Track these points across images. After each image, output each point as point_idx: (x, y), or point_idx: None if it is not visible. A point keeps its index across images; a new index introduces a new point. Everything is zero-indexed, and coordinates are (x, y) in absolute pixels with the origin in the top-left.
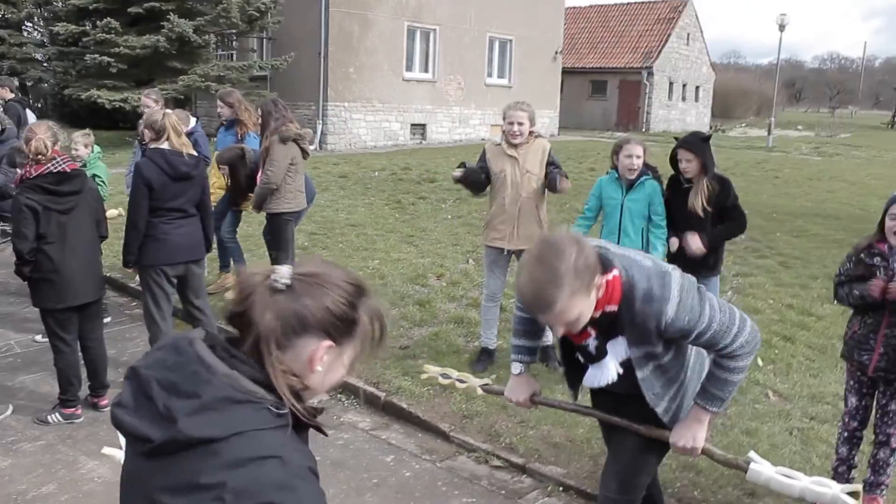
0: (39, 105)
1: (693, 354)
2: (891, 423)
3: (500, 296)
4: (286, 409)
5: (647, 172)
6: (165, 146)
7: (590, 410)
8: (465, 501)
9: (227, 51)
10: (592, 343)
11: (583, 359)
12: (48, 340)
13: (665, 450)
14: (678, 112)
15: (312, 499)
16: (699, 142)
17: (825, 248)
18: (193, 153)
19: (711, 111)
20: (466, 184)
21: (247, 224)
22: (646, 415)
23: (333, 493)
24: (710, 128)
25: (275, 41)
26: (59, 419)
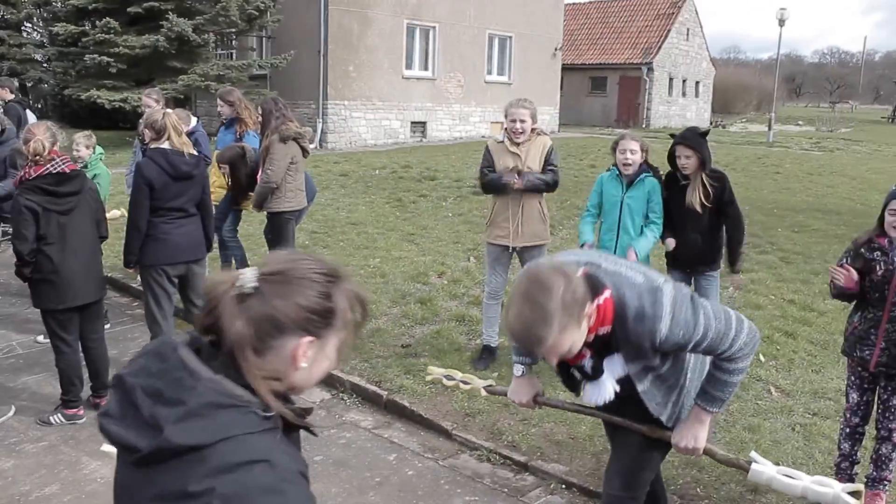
0: (39, 106)
1: (692, 357)
2: (892, 419)
3: (502, 293)
4: (273, 412)
5: (648, 171)
6: (166, 146)
7: (592, 410)
8: (468, 500)
9: (227, 50)
10: (588, 363)
11: (580, 376)
12: (50, 341)
13: (668, 447)
14: (678, 108)
15: (301, 502)
16: (697, 137)
17: (826, 244)
18: (194, 152)
19: (711, 107)
20: (503, 188)
21: (248, 223)
22: (648, 415)
23: (336, 492)
24: (711, 123)
25: (274, 40)
26: (62, 420)
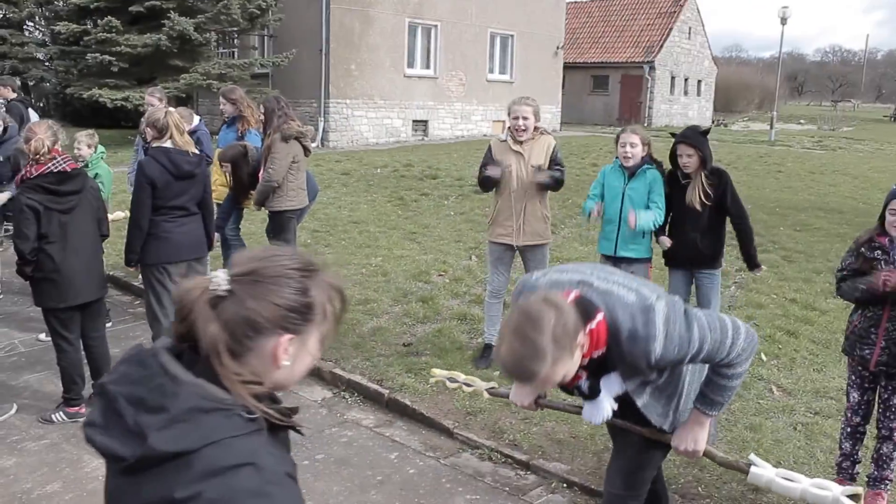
0: (42, 104)
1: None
2: (893, 418)
3: (504, 292)
4: (258, 414)
5: (651, 163)
6: (168, 144)
7: None
8: (469, 498)
9: (229, 48)
10: (585, 384)
11: (577, 395)
12: (51, 340)
13: (669, 446)
14: (680, 106)
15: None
16: (699, 136)
17: (828, 242)
18: (196, 151)
19: (713, 105)
20: (491, 181)
21: (249, 222)
22: (649, 420)
23: (338, 491)
24: (713, 122)
25: (276, 38)
26: (64, 418)
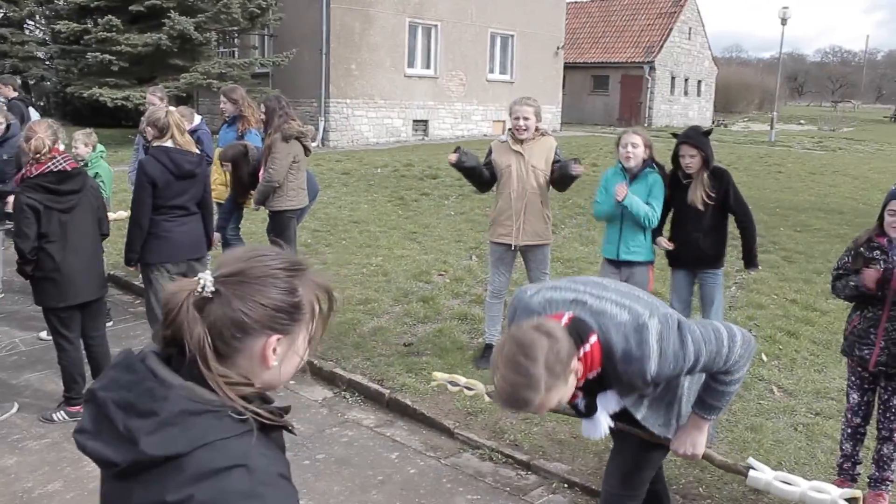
0: (42, 103)
1: None
2: (893, 419)
3: (505, 292)
4: (248, 415)
5: (653, 167)
6: (169, 144)
7: None
8: (470, 498)
9: (229, 48)
10: (581, 402)
11: (574, 413)
12: (52, 339)
13: (668, 447)
14: (680, 107)
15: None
16: (701, 136)
17: (828, 243)
18: (197, 151)
19: (713, 106)
20: (465, 172)
21: (250, 222)
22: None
23: (338, 491)
24: (713, 122)
25: (276, 38)
26: (65, 417)
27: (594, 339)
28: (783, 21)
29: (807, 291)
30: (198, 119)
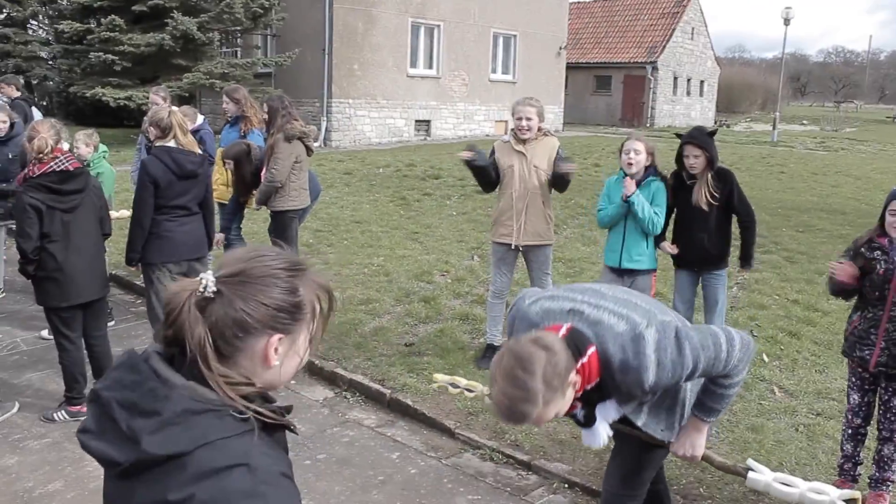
0: (45, 103)
1: None
2: (894, 419)
3: (507, 293)
4: (249, 414)
5: (656, 175)
6: (172, 144)
7: None
8: (471, 499)
9: (232, 48)
10: (580, 413)
11: (574, 422)
12: (53, 338)
13: (668, 448)
14: (683, 107)
15: (284, 502)
16: (705, 137)
17: (831, 244)
18: (199, 151)
19: (716, 106)
20: (475, 170)
21: (252, 222)
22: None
23: (339, 491)
24: (715, 122)
25: (279, 38)
26: (66, 417)
27: (592, 351)
28: (786, 21)
29: (808, 292)
30: (200, 119)
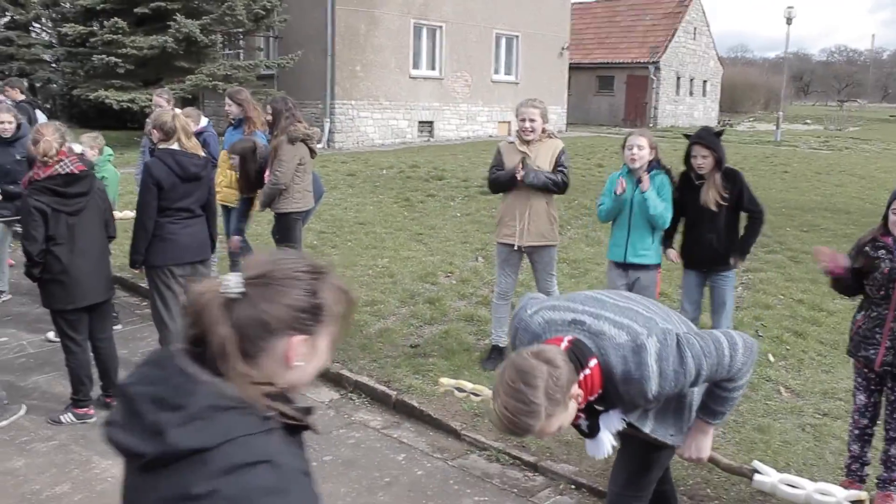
0: (48, 106)
1: None
2: None
3: (511, 294)
4: (272, 413)
5: (660, 169)
6: (175, 146)
7: None
8: (477, 500)
9: (234, 50)
10: (584, 423)
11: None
12: (59, 341)
13: (674, 449)
14: (686, 107)
15: (305, 501)
16: (713, 137)
17: (835, 243)
18: (202, 154)
19: (719, 106)
20: (512, 181)
21: (255, 223)
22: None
23: (345, 492)
24: (718, 122)
25: (281, 40)
26: (72, 419)
27: (594, 363)
28: (788, 21)
29: (814, 291)
30: (204, 121)
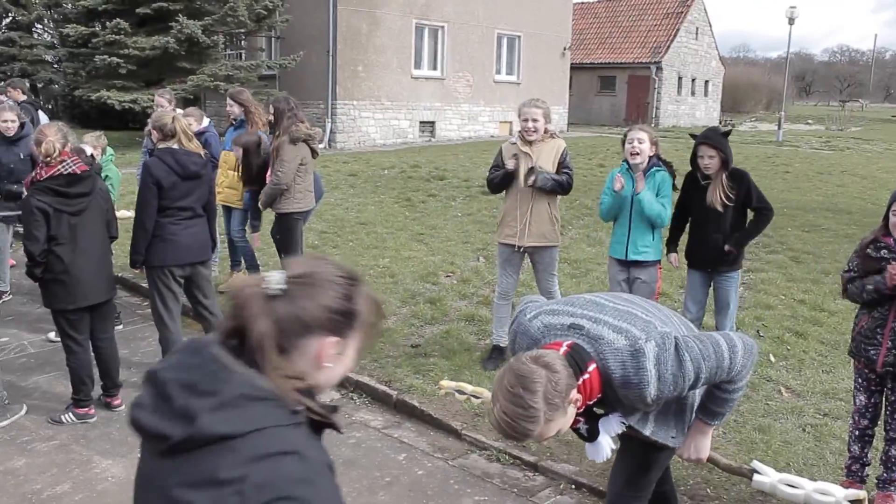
0: (50, 106)
1: None
2: None
3: (513, 294)
4: (301, 408)
5: (660, 165)
6: (175, 146)
7: None
8: (478, 500)
9: (236, 50)
10: (583, 427)
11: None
12: (61, 341)
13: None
14: (687, 107)
15: (330, 494)
16: (720, 137)
17: (837, 243)
18: (202, 153)
19: (721, 106)
20: (508, 178)
21: None
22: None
23: (346, 492)
24: (721, 122)
25: (283, 40)
26: (73, 419)
27: (593, 368)
28: (791, 21)
29: (815, 292)
30: (206, 121)
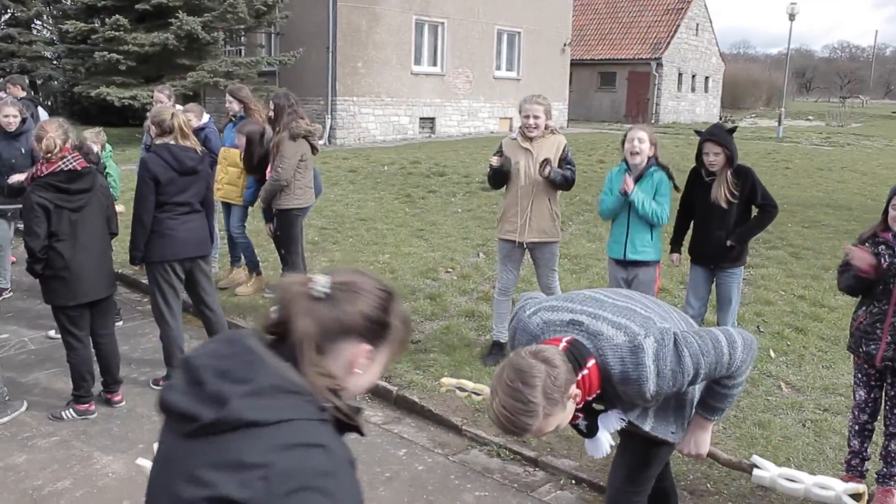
0: (49, 103)
1: None
2: None
3: (513, 290)
4: (329, 406)
5: (658, 166)
6: (171, 141)
7: None
8: (478, 495)
9: (236, 46)
10: (582, 423)
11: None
12: (61, 337)
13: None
14: (687, 103)
15: (352, 489)
16: (725, 134)
17: (836, 239)
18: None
19: (721, 102)
20: (499, 174)
21: (257, 219)
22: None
23: None
24: (721, 118)
25: (283, 36)
26: (73, 415)
27: (592, 363)
28: (791, 17)
29: (815, 287)
30: (206, 117)
